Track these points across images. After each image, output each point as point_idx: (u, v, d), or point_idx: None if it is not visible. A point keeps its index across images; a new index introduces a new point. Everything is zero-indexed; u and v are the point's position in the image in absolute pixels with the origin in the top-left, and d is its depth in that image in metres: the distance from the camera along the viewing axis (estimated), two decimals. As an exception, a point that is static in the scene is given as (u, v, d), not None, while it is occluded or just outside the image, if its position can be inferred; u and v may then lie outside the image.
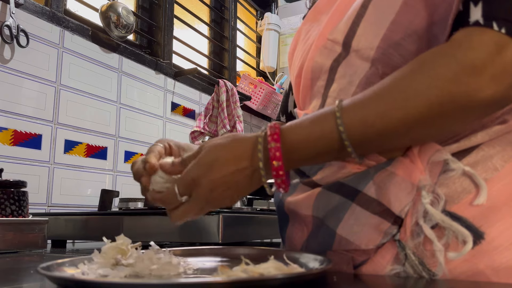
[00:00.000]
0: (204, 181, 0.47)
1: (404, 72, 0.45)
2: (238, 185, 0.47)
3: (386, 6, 0.51)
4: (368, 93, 0.45)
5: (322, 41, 0.58)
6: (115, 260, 0.46)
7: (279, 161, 0.45)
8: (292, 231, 0.60)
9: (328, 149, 0.46)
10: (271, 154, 0.45)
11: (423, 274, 0.47)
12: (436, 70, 0.42)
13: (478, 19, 0.43)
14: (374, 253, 0.50)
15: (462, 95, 0.42)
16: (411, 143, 0.49)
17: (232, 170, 0.46)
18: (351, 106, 0.45)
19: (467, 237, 0.45)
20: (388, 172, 0.49)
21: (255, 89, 2.41)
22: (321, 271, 0.40)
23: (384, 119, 0.43)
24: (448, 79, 0.42)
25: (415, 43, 0.50)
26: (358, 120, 0.44)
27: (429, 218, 0.47)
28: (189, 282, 0.36)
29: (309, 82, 0.61)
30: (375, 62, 0.52)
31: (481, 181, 0.47)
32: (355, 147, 0.45)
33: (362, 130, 0.44)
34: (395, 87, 0.44)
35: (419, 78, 0.43)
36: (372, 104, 0.44)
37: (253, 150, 0.47)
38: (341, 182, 0.52)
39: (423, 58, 0.45)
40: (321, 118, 0.46)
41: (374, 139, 0.45)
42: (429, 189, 0.47)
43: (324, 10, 0.64)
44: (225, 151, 0.48)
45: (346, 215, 0.51)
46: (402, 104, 0.43)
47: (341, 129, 0.44)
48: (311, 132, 0.46)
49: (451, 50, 0.43)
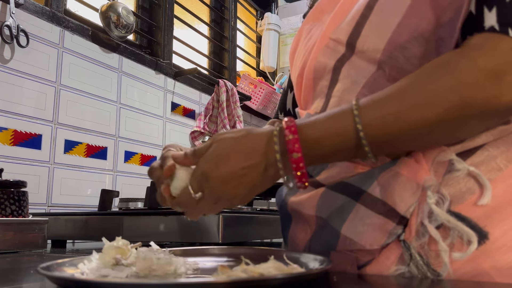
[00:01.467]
0: (213, 175, 0.46)
1: (424, 73, 0.44)
2: (251, 182, 0.46)
3: (393, 8, 0.51)
4: (388, 93, 0.45)
5: (325, 41, 0.58)
6: (115, 260, 0.46)
7: (298, 152, 0.44)
8: (295, 231, 0.60)
9: (345, 147, 0.45)
10: (290, 146, 0.44)
11: (427, 274, 0.47)
12: (457, 74, 0.42)
13: (493, 25, 0.43)
14: (379, 254, 0.50)
15: (481, 101, 0.42)
16: (427, 146, 0.49)
17: (242, 165, 0.45)
18: (370, 105, 0.45)
19: (472, 237, 0.45)
20: (393, 172, 0.49)
21: (255, 89, 2.41)
22: (321, 271, 0.40)
23: (402, 120, 0.43)
24: (468, 83, 0.42)
25: (421, 46, 0.50)
26: (376, 119, 0.44)
27: (434, 218, 0.47)
28: (189, 282, 0.36)
29: (312, 82, 0.61)
30: (382, 65, 0.52)
31: (486, 181, 0.47)
32: (371, 146, 0.44)
33: (380, 130, 0.44)
34: (415, 88, 0.44)
35: (439, 81, 0.43)
36: (391, 104, 0.44)
37: (268, 144, 0.45)
38: (346, 182, 0.52)
39: (443, 60, 0.44)
40: (339, 116, 0.45)
41: (391, 139, 0.45)
42: (434, 189, 0.47)
43: (326, 9, 0.63)
44: (235, 145, 0.46)
45: (351, 215, 0.51)
46: (421, 106, 0.43)
47: (359, 127, 0.44)
48: (328, 128, 0.45)
49: (473, 54, 0.43)
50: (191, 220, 0.51)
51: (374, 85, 0.53)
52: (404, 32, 0.50)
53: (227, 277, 0.40)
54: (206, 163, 0.47)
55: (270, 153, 0.45)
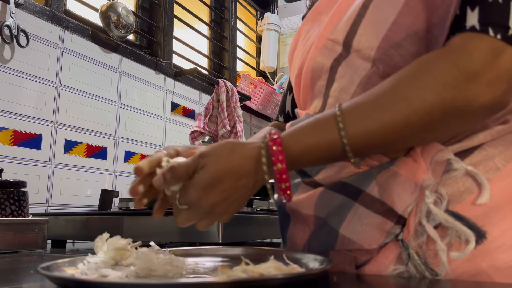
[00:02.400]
0: (204, 202, 0.46)
1: (405, 76, 0.45)
2: (238, 200, 0.47)
3: (388, 7, 0.51)
4: (369, 99, 0.46)
5: (323, 41, 0.58)
6: (115, 260, 0.46)
7: (282, 163, 0.45)
8: (294, 231, 0.60)
9: (330, 158, 0.47)
10: (274, 158, 0.45)
11: (426, 274, 0.47)
12: (438, 75, 0.43)
13: (474, 24, 0.44)
14: (377, 253, 0.50)
15: (462, 101, 0.42)
16: (411, 146, 0.50)
17: (232, 185, 0.46)
18: (353, 115, 0.45)
19: (470, 236, 0.45)
20: (391, 171, 0.49)
21: (255, 89, 2.41)
22: (321, 271, 0.40)
23: (386, 128, 0.44)
24: (449, 85, 0.42)
25: (415, 44, 0.50)
26: (361, 131, 0.45)
27: (432, 217, 0.47)
28: (189, 282, 0.36)
29: (310, 82, 0.61)
30: (376, 62, 0.52)
31: (484, 181, 0.47)
32: (356, 154, 0.46)
33: (364, 140, 0.45)
34: (396, 93, 0.44)
35: (420, 84, 0.43)
36: (375, 114, 0.45)
37: (257, 163, 0.45)
38: (344, 182, 0.52)
39: (423, 62, 0.45)
40: (323, 127, 0.46)
41: (376, 147, 0.47)
42: (432, 189, 0.48)
43: (324, 10, 0.64)
44: (224, 169, 0.45)
45: (349, 214, 0.51)
46: (404, 112, 0.43)
47: (345, 141, 0.45)
48: (313, 142, 0.46)
49: (452, 55, 0.43)
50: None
51: (368, 83, 0.53)
52: (399, 30, 0.51)
53: (227, 277, 0.40)
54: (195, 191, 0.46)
55: (259, 170, 0.46)
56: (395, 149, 0.49)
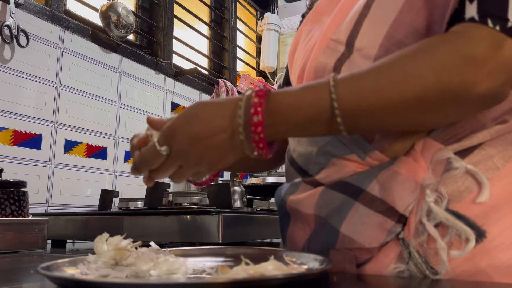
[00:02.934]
0: (182, 132, 0.46)
1: (406, 52, 0.45)
2: (219, 145, 0.45)
3: (389, 5, 0.52)
4: (367, 69, 0.45)
5: (325, 41, 0.58)
6: (115, 260, 0.46)
7: (258, 115, 0.43)
8: (294, 230, 0.60)
9: (317, 118, 0.44)
10: (253, 109, 0.44)
11: (426, 272, 0.47)
12: (438, 56, 0.43)
13: (473, 16, 0.44)
14: (378, 252, 0.50)
15: (458, 85, 0.42)
16: (402, 128, 0.49)
17: (211, 126, 0.45)
18: (347, 78, 0.45)
19: (470, 235, 0.45)
20: (391, 171, 0.49)
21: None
22: (321, 271, 0.40)
23: (378, 94, 0.43)
24: (448, 66, 0.42)
25: (417, 41, 0.50)
26: (352, 91, 0.43)
27: (433, 216, 0.47)
28: (189, 282, 0.36)
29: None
30: None
31: (484, 179, 0.47)
32: (345, 119, 0.43)
33: (354, 102, 0.43)
34: (395, 65, 0.44)
35: (420, 61, 0.43)
36: (369, 79, 0.44)
37: (235, 107, 0.45)
38: (344, 181, 0.52)
39: (424, 43, 0.45)
40: (314, 86, 0.45)
41: (366, 114, 0.44)
42: (432, 188, 0.48)
43: (325, 11, 0.64)
44: (208, 107, 0.47)
45: (350, 213, 0.51)
46: (398, 83, 0.43)
47: (334, 97, 0.43)
48: (301, 97, 0.45)
49: (454, 39, 0.43)
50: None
51: None
52: (401, 27, 0.51)
53: (227, 277, 0.40)
54: (176, 120, 0.47)
55: (236, 116, 0.45)
56: (387, 127, 0.48)
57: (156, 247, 0.50)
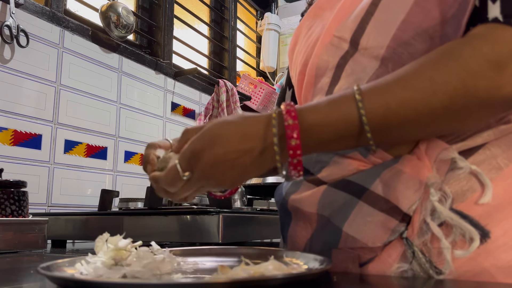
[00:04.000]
0: (205, 155, 0.44)
1: (427, 60, 0.44)
2: (243, 166, 0.44)
3: (397, 5, 0.51)
4: (391, 78, 0.44)
5: (328, 38, 0.58)
6: (115, 260, 0.46)
7: (297, 139, 0.43)
8: (295, 230, 0.59)
9: (347, 133, 0.44)
10: (289, 132, 0.43)
11: (430, 272, 0.47)
12: (462, 61, 0.42)
13: (497, 16, 0.43)
14: (381, 251, 0.50)
15: (484, 90, 0.41)
16: (429, 136, 0.48)
17: (237, 148, 0.44)
18: (372, 90, 0.44)
19: (475, 235, 0.45)
20: (395, 169, 0.49)
21: (255, 89, 2.41)
22: (321, 271, 0.40)
23: (406, 106, 0.43)
24: (472, 72, 0.42)
25: (425, 42, 0.50)
26: (380, 104, 0.43)
27: (437, 216, 0.47)
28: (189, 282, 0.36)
29: (313, 79, 0.61)
30: (385, 61, 0.52)
31: (487, 180, 0.47)
32: (374, 133, 0.43)
33: (383, 115, 0.43)
34: (420, 74, 0.43)
35: (444, 68, 0.43)
36: (395, 90, 0.43)
37: (266, 128, 0.44)
38: (348, 180, 0.52)
39: (446, 48, 0.44)
40: (340, 101, 0.45)
41: (394, 126, 0.44)
42: (437, 187, 0.47)
43: (327, 6, 0.63)
44: (232, 127, 0.45)
45: (353, 212, 0.51)
46: (425, 93, 0.42)
47: (362, 112, 0.43)
48: (330, 114, 0.44)
49: (477, 43, 0.43)
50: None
51: None
52: (409, 28, 0.50)
53: (227, 277, 0.40)
54: (199, 142, 0.45)
55: (268, 137, 0.44)
56: (415, 136, 0.48)
57: (156, 247, 0.50)
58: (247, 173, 0.45)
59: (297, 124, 0.43)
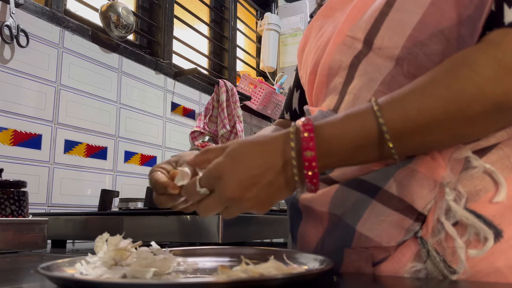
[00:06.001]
0: (227, 176, 0.44)
1: (443, 69, 0.45)
2: (268, 184, 0.44)
3: (413, 6, 0.51)
4: (407, 89, 0.45)
5: (341, 38, 0.58)
6: (115, 260, 0.46)
7: (312, 151, 0.43)
8: (306, 229, 0.59)
9: (367, 144, 0.44)
10: (304, 144, 0.43)
11: (444, 271, 0.47)
12: (476, 68, 0.43)
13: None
14: (394, 251, 0.50)
15: (501, 95, 0.42)
16: (450, 144, 0.48)
17: (258, 163, 0.44)
18: (389, 101, 0.44)
19: (489, 234, 0.45)
20: (409, 169, 0.49)
21: (255, 89, 2.41)
22: (321, 271, 0.40)
23: (425, 113, 0.43)
24: (488, 77, 0.42)
25: (441, 43, 0.50)
26: (399, 113, 0.43)
27: (451, 215, 0.47)
28: (189, 282, 0.36)
29: (325, 78, 0.60)
30: (400, 61, 0.52)
31: (501, 179, 0.47)
32: (395, 141, 0.43)
33: (403, 124, 0.43)
34: (435, 82, 0.44)
35: (459, 75, 0.43)
36: (413, 99, 0.44)
37: (285, 143, 0.44)
38: (360, 179, 0.52)
39: (460, 56, 0.45)
40: (358, 113, 0.45)
41: (414, 134, 0.44)
42: (451, 186, 0.47)
43: (338, 6, 0.63)
44: (252, 145, 0.45)
45: (366, 212, 0.50)
46: (443, 100, 0.43)
47: (381, 121, 0.43)
48: (348, 124, 0.44)
49: (491, 49, 0.43)
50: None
51: (391, 82, 0.53)
52: (424, 29, 0.50)
53: (227, 277, 0.40)
54: (222, 163, 0.45)
55: (287, 151, 0.44)
56: (437, 144, 0.48)
57: (156, 247, 0.50)
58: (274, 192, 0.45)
59: (313, 136, 0.43)
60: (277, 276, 0.38)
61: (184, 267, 0.49)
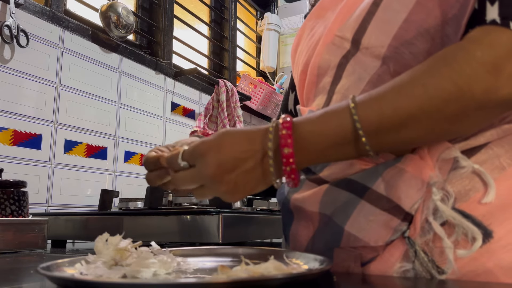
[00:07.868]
0: (210, 155, 0.45)
1: (422, 67, 0.45)
2: (248, 171, 0.45)
3: (399, 5, 0.51)
4: (386, 87, 0.45)
5: (330, 38, 0.58)
6: (115, 260, 0.46)
7: (290, 147, 0.44)
8: (297, 229, 0.59)
9: (342, 140, 0.45)
10: (282, 141, 0.44)
11: (432, 271, 0.47)
12: (455, 66, 0.42)
13: (495, 18, 0.43)
14: (383, 250, 0.50)
15: (480, 93, 0.42)
16: (429, 140, 0.48)
17: (242, 148, 0.45)
18: (367, 99, 0.45)
19: (477, 234, 0.45)
20: (397, 169, 0.49)
21: (255, 89, 2.41)
22: (321, 271, 0.40)
23: (400, 111, 0.43)
24: (467, 75, 0.42)
25: (427, 42, 0.50)
26: (373, 110, 0.44)
27: (439, 215, 0.47)
28: (189, 282, 0.36)
29: (315, 78, 0.61)
30: (386, 60, 0.52)
31: (490, 179, 0.47)
32: (369, 138, 0.44)
33: (377, 121, 0.43)
34: (412, 80, 0.44)
35: (437, 73, 0.43)
36: (389, 96, 0.44)
37: (264, 137, 0.46)
38: (349, 179, 0.52)
39: (440, 54, 0.45)
40: (335, 110, 0.46)
41: (390, 132, 0.44)
42: (439, 186, 0.47)
43: (330, 7, 0.64)
44: (237, 132, 0.47)
45: (355, 211, 0.51)
46: (419, 98, 0.43)
47: (356, 118, 0.43)
48: (325, 122, 0.45)
49: (471, 47, 0.43)
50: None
51: (378, 82, 0.53)
52: (410, 28, 0.50)
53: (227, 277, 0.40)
54: (208, 143, 0.47)
55: (265, 147, 0.45)
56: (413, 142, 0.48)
57: (156, 247, 0.50)
58: (250, 179, 0.46)
59: (290, 134, 0.44)
60: (277, 276, 0.38)
61: (184, 267, 0.49)
